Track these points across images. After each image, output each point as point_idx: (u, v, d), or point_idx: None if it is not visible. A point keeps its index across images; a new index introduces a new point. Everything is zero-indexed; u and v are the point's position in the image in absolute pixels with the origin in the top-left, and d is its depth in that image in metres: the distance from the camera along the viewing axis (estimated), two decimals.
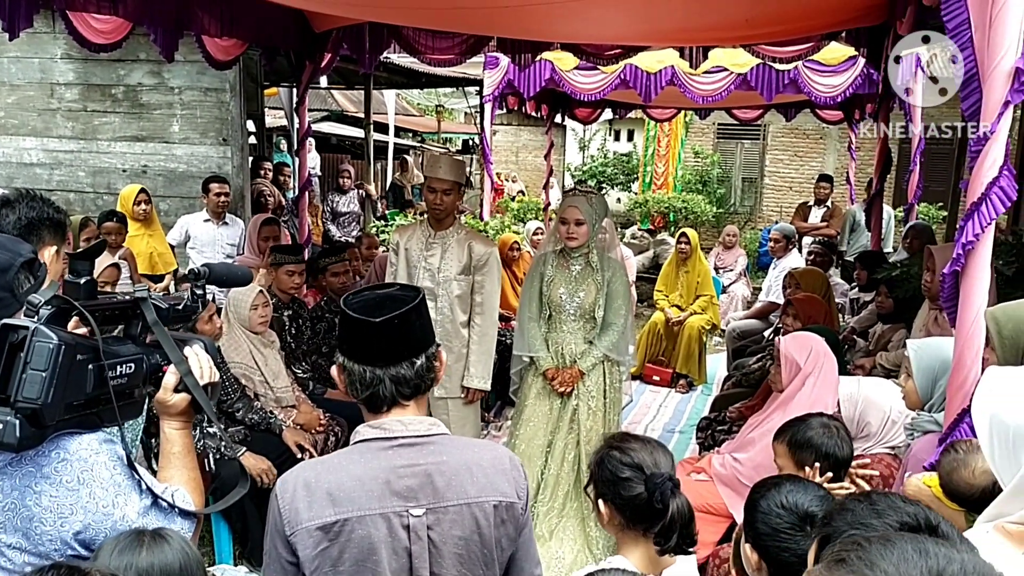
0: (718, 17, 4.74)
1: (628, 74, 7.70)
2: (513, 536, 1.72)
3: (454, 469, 1.65)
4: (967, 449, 2.09)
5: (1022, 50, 2.08)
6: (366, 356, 1.64)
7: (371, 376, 1.63)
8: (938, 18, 3.06)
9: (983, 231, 2.20)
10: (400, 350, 1.64)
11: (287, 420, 4.30)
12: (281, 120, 12.69)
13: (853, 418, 3.01)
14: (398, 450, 1.63)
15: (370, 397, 1.65)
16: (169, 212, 7.05)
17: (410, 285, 1.79)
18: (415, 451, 1.64)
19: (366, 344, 1.64)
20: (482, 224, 9.48)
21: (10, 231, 2.19)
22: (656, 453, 2.13)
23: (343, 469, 1.62)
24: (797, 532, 2.05)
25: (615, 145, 20.22)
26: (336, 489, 1.59)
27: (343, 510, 1.58)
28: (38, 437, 1.44)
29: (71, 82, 7.25)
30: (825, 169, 14.90)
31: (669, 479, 2.04)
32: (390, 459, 1.62)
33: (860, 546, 0.97)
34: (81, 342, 1.49)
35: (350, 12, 5.38)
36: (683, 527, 2.03)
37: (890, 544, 0.95)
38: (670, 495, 2.02)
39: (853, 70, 7.34)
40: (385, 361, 1.63)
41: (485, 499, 1.66)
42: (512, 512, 1.70)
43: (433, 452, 1.65)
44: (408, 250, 4.30)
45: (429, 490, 1.62)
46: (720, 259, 9.30)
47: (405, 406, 1.67)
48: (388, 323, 1.60)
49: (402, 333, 1.63)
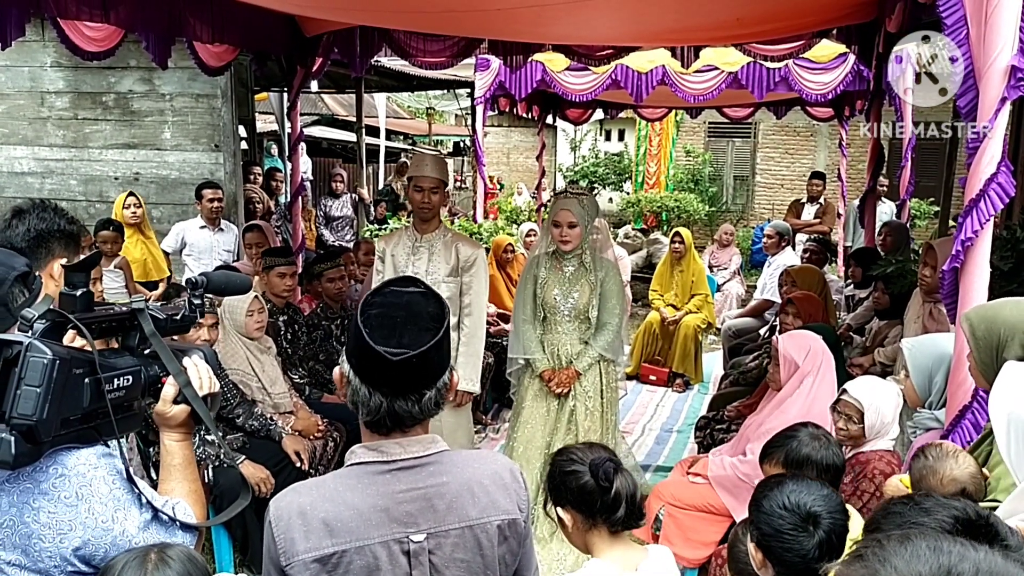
0: (709, 17, 4.75)
1: (619, 74, 7.72)
2: (516, 551, 1.68)
3: (455, 491, 1.59)
4: (937, 455, 2.09)
5: (1018, 47, 2.08)
6: (374, 382, 1.55)
7: (376, 403, 1.55)
8: (930, 15, 3.07)
9: (982, 227, 2.20)
10: (412, 384, 1.56)
11: (286, 427, 4.29)
12: (272, 125, 12.67)
13: (874, 425, 3.02)
14: (397, 474, 1.57)
15: (372, 422, 1.59)
16: (162, 219, 7.03)
17: (434, 293, 1.62)
18: (414, 474, 1.58)
19: (377, 374, 1.54)
20: (475, 227, 9.46)
21: (18, 243, 2.18)
22: (594, 449, 2.24)
23: (339, 496, 1.55)
24: (800, 532, 2.05)
25: (606, 145, 20.24)
26: (333, 519, 1.53)
27: (341, 541, 1.52)
28: (34, 453, 1.42)
29: (61, 90, 7.22)
30: (816, 166, 14.95)
31: (610, 460, 2.14)
32: (388, 484, 1.56)
33: (879, 543, 0.97)
34: (77, 356, 1.47)
35: (341, 16, 5.37)
36: (629, 501, 2.12)
37: (907, 541, 0.95)
38: (613, 473, 2.12)
39: (843, 67, 7.37)
40: (394, 392, 1.55)
41: (487, 519, 1.61)
42: (515, 528, 1.66)
43: (433, 474, 1.59)
44: (394, 256, 4.28)
45: (430, 514, 1.57)
46: (714, 257, 9.30)
47: (407, 432, 1.60)
48: (405, 362, 1.50)
49: (418, 371, 1.54)
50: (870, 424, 3.02)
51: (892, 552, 0.94)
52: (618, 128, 20.09)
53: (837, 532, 2.08)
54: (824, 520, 2.06)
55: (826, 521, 2.06)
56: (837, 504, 2.14)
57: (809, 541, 2.04)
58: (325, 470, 4.49)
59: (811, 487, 2.15)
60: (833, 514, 2.09)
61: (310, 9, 5.25)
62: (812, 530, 2.05)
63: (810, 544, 2.04)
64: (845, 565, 0.99)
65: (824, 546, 2.04)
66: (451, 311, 4.19)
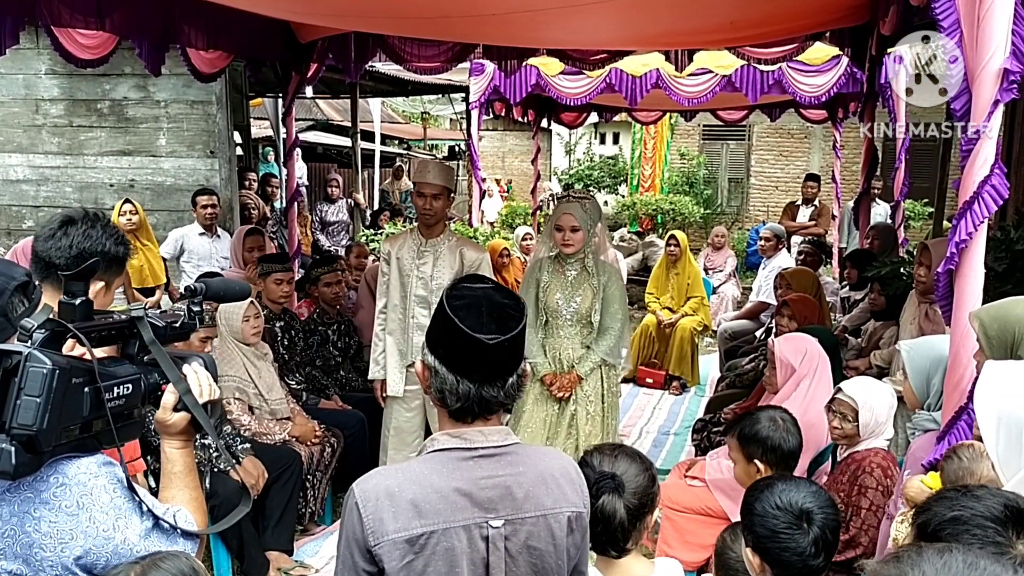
0: (702, 21, 4.76)
1: (613, 78, 7.74)
2: (580, 544, 1.72)
3: (532, 481, 1.65)
4: (971, 456, 2.09)
5: (1010, 50, 2.09)
6: (464, 370, 1.60)
7: (464, 389, 1.60)
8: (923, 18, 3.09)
9: (976, 230, 2.21)
10: (500, 370, 1.62)
11: (283, 432, 4.29)
12: (267, 130, 12.66)
13: (869, 424, 3.04)
14: (479, 461, 1.62)
15: (459, 409, 1.63)
16: (158, 226, 7.01)
17: (504, 287, 1.72)
18: (494, 462, 1.63)
19: (469, 360, 1.59)
20: (471, 231, 9.47)
21: (58, 259, 2.11)
22: (620, 460, 2.11)
23: (426, 479, 1.60)
24: (795, 530, 2.07)
25: (601, 148, 20.25)
26: (421, 500, 1.57)
27: (429, 522, 1.57)
28: (35, 463, 1.42)
29: (56, 97, 7.21)
30: (811, 168, 14.99)
31: (611, 478, 2.04)
32: (471, 470, 1.61)
33: (919, 549, 0.99)
34: (76, 365, 1.47)
35: (336, 23, 5.38)
36: (604, 524, 2.01)
37: (945, 552, 0.96)
38: (604, 491, 2.02)
39: (837, 70, 7.40)
40: (483, 378, 1.60)
41: (560, 510, 1.66)
42: (580, 522, 1.71)
43: (511, 463, 1.64)
44: (400, 259, 4.29)
45: (508, 501, 1.62)
46: (709, 260, 9.32)
47: (489, 419, 1.65)
48: (499, 346, 1.56)
49: (509, 354, 1.61)
50: (864, 423, 3.04)
51: (927, 560, 0.96)
52: (613, 131, 20.10)
53: (831, 527, 2.11)
54: (817, 516, 2.08)
55: (819, 517, 2.08)
56: (827, 500, 2.17)
57: (804, 538, 2.06)
58: (323, 476, 4.50)
59: (799, 485, 2.18)
60: (824, 509, 2.12)
61: (305, 16, 5.25)
62: (806, 527, 2.07)
63: (806, 541, 2.06)
64: (881, 563, 1.02)
65: (820, 543, 2.06)
66: None
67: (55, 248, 2.15)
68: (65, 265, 2.10)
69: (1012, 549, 1.37)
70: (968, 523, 1.41)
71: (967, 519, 1.42)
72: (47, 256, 2.15)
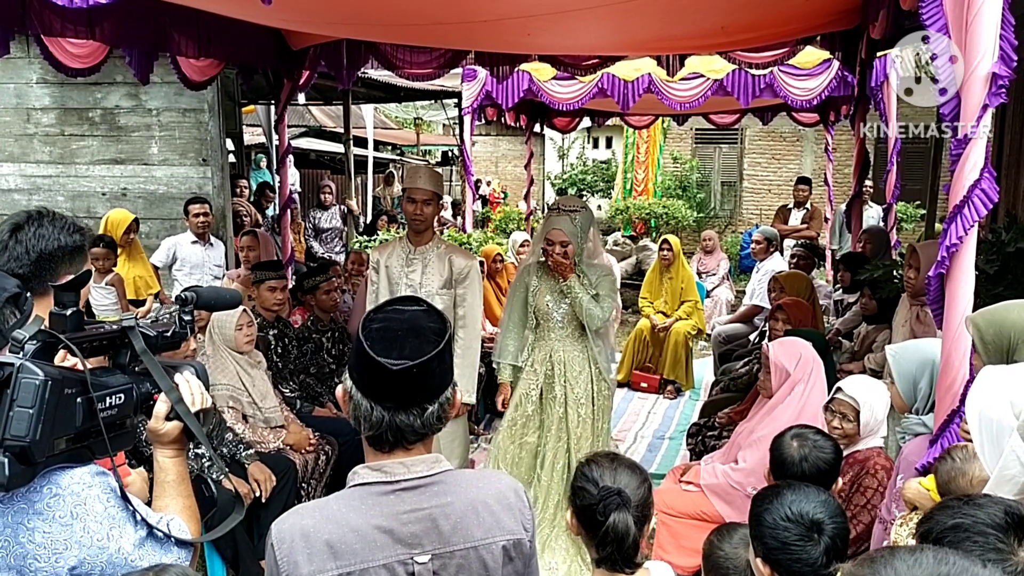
0: (694, 26, 4.78)
1: (606, 83, 7.75)
2: (521, 571, 1.66)
3: (460, 512, 1.57)
4: (964, 457, 2.10)
5: (998, 54, 2.10)
6: (375, 395, 1.54)
7: (378, 416, 1.54)
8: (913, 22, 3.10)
9: (966, 233, 2.22)
10: (413, 397, 1.55)
11: (277, 440, 4.28)
12: (259, 137, 12.64)
13: (869, 422, 3.05)
14: (400, 495, 1.55)
15: (374, 437, 1.58)
16: (150, 234, 7.01)
17: (437, 311, 1.62)
18: (418, 495, 1.56)
19: (377, 385, 1.53)
20: (464, 236, 9.47)
21: (19, 269, 2.05)
22: (620, 472, 2.07)
23: (343, 518, 1.53)
24: (807, 542, 2.05)
25: (594, 152, 20.31)
26: (337, 540, 1.51)
27: (345, 563, 1.50)
28: (28, 475, 1.42)
29: (47, 106, 7.21)
30: (803, 171, 15.03)
31: (618, 494, 1.99)
32: (392, 505, 1.54)
33: (892, 550, 1.00)
34: (68, 375, 1.47)
35: (328, 30, 5.37)
36: (617, 543, 1.96)
37: (917, 551, 0.98)
38: (613, 508, 1.97)
39: (828, 73, 7.42)
40: (396, 405, 1.54)
41: (492, 540, 1.59)
42: (520, 548, 1.64)
43: (437, 494, 1.57)
44: (388, 267, 4.28)
45: (434, 535, 1.55)
46: (702, 264, 9.34)
47: (409, 449, 1.59)
48: (406, 372, 1.49)
49: (419, 382, 1.53)
50: (865, 422, 3.05)
51: (899, 558, 0.98)
52: (606, 136, 20.16)
53: (841, 536, 2.09)
54: (827, 526, 2.06)
55: (830, 527, 2.07)
56: (836, 508, 2.15)
57: (816, 549, 2.04)
58: (317, 484, 4.48)
59: (808, 494, 2.15)
60: (835, 519, 2.10)
61: (296, 24, 5.25)
62: (817, 537, 2.05)
63: (817, 552, 2.03)
64: (856, 565, 1.03)
65: (831, 552, 2.04)
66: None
67: (13, 259, 2.08)
68: (31, 274, 2.06)
69: (1013, 556, 1.39)
70: (969, 530, 1.43)
71: (968, 526, 1.43)
72: (9, 270, 2.05)
